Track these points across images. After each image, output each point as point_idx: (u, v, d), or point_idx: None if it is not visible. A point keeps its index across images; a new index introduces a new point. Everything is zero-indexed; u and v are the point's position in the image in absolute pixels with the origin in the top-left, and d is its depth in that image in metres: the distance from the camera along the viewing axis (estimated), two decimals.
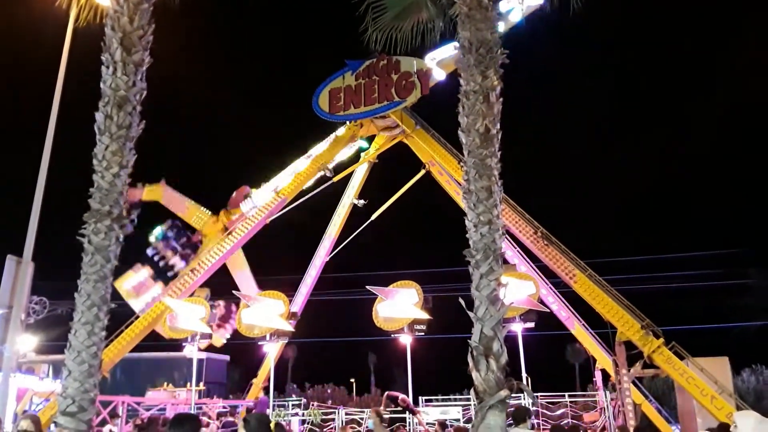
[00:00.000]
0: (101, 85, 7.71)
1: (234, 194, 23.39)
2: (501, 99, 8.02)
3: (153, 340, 20.65)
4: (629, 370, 16.79)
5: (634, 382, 17.90)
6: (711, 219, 55.12)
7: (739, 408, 15.16)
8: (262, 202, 22.36)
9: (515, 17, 18.78)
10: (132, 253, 19.68)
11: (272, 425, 4.77)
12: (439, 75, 20.42)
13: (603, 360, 19.47)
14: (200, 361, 23.01)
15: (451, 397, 18.45)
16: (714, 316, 35.89)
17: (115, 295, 7.74)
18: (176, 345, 20.46)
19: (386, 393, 17.82)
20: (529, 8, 18.58)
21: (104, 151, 7.51)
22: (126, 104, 7.62)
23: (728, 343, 26.72)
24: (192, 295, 20.23)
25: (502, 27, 18.53)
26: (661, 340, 15.84)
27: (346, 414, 17.92)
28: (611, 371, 17.85)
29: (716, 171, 63.29)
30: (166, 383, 25.01)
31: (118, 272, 7.92)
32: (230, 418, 17.86)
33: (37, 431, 6.09)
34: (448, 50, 19.32)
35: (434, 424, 14.95)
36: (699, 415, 16.01)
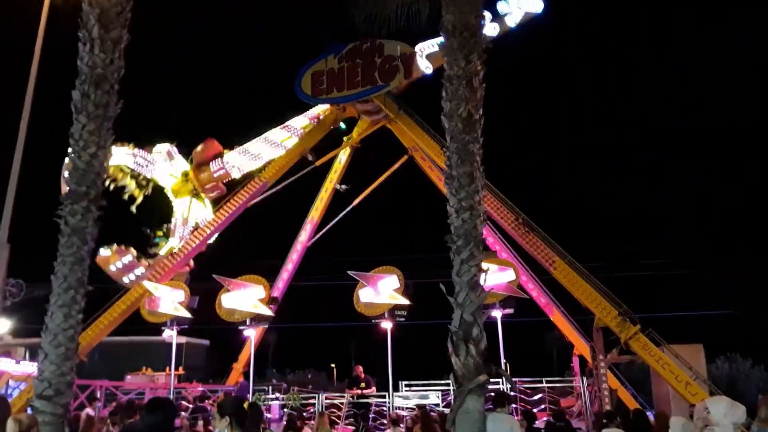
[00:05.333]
0: (78, 62, 7.57)
1: (200, 148, 22.25)
2: (484, 84, 8.01)
3: (132, 324, 20.45)
4: (606, 356, 17.04)
5: (610, 368, 18.17)
6: (691, 208, 55.99)
7: (712, 394, 15.46)
8: (234, 163, 21.81)
9: (511, 22, 18.49)
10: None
11: (246, 406, 4.75)
12: (426, 68, 19.76)
13: (581, 346, 19.72)
14: (179, 345, 22.85)
15: (431, 382, 18.55)
16: (690, 303, 36.48)
17: (93, 278, 7.63)
18: (156, 329, 20.28)
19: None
20: (527, 15, 18.35)
21: (81, 130, 7.39)
22: (103, 82, 7.50)
23: (703, 330, 27.18)
24: (172, 279, 20.06)
25: (495, 30, 18.42)
26: (638, 326, 16.06)
27: (327, 399, 17.95)
28: (588, 357, 18.09)
29: (692, 163, 64.15)
30: (145, 367, 24.84)
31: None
32: (201, 404, 17.73)
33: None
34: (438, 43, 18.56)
35: (414, 409, 15.07)
36: (673, 401, 16.30)
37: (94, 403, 16.90)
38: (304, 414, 17.01)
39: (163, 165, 21.69)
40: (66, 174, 19.42)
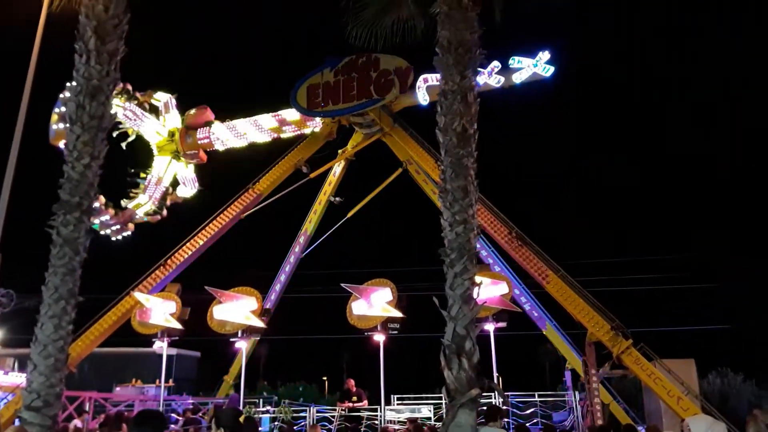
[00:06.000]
0: (74, 74, 7.58)
1: (193, 111, 22.37)
2: (478, 99, 8.08)
3: (122, 335, 20.30)
4: (598, 371, 17.04)
5: (602, 382, 18.18)
6: (681, 222, 56.34)
7: (704, 409, 15.49)
8: (219, 136, 21.89)
9: (517, 78, 18.57)
10: None
11: (242, 419, 4.74)
12: (423, 99, 19.79)
13: (573, 360, 19.74)
14: (170, 357, 22.73)
15: (423, 395, 18.48)
16: (682, 318, 36.61)
17: (84, 289, 7.59)
18: (146, 340, 20.16)
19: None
20: (535, 75, 18.49)
21: (75, 141, 7.40)
22: (99, 94, 7.51)
23: (695, 345, 27.27)
24: (163, 290, 19.97)
25: (500, 82, 18.56)
26: (630, 340, 16.09)
27: (317, 412, 17.85)
28: (581, 371, 18.09)
29: (685, 175, 64.70)
30: (135, 379, 24.65)
31: None
32: (193, 416, 17.58)
33: None
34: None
35: (406, 423, 15.00)
36: (665, 416, 16.29)
37: (83, 415, 16.74)
38: (295, 427, 16.92)
39: (151, 122, 21.66)
40: (54, 126, 19.40)
